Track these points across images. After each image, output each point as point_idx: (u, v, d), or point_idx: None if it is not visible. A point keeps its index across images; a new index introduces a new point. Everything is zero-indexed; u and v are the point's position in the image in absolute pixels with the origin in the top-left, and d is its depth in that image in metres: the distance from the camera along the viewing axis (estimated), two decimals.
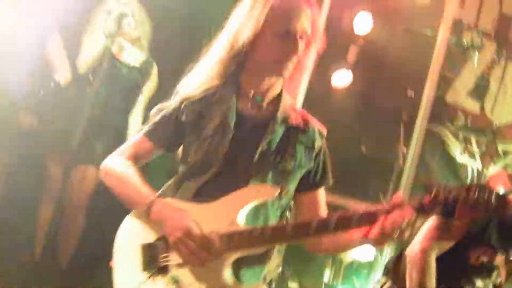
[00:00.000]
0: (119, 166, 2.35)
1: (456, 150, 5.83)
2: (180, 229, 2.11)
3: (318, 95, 5.73)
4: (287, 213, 2.41)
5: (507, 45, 6.03)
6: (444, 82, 5.77)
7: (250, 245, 2.14)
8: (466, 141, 5.87)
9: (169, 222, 2.15)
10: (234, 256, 2.14)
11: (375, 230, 2.04)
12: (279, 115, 2.33)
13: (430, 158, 5.70)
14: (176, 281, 2.15)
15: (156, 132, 2.41)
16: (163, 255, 2.19)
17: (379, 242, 2.07)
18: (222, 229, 2.13)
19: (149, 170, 2.53)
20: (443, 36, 5.57)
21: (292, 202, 2.42)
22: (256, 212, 2.24)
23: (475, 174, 5.68)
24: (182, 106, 2.36)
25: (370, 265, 5.02)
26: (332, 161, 5.40)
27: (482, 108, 6.00)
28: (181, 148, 2.43)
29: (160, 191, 2.37)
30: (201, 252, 2.09)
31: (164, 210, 2.19)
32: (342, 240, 2.23)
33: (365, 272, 5.04)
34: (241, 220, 2.18)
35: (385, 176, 5.31)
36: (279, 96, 2.39)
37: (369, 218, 2.04)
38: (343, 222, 2.07)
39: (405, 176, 5.19)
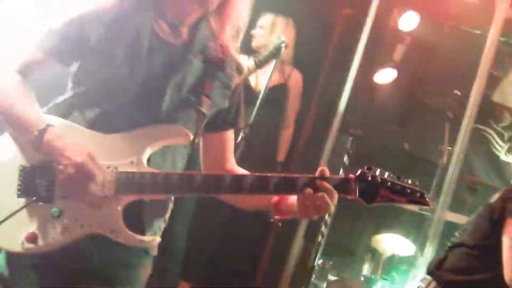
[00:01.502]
0: (6, 81, 2.02)
1: (501, 150, 5.80)
2: (74, 165, 1.86)
3: (364, 92, 5.77)
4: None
5: None
6: (492, 82, 5.72)
7: (152, 191, 1.95)
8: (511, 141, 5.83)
9: (60, 153, 1.89)
10: (130, 198, 1.96)
11: (289, 200, 1.99)
12: (197, 44, 2.12)
13: (475, 156, 5.68)
14: (59, 215, 1.93)
15: (52, 41, 2.05)
16: (45, 183, 1.95)
17: (284, 213, 2.02)
18: (122, 167, 1.94)
19: None
20: (492, 35, 5.51)
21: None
22: (163, 152, 2.06)
23: None
24: (89, 17, 2.04)
25: (410, 261, 5.02)
26: (374, 157, 5.46)
27: None
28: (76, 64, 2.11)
29: (47, 109, 2.08)
30: (92, 192, 1.90)
31: (57, 141, 1.91)
32: (253, 200, 2.11)
33: (404, 268, 5.04)
34: (145, 159, 1.98)
35: (428, 174, 5.30)
36: (199, 24, 2.15)
37: (289, 186, 1.93)
38: (260, 185, 1.94)
39: (449, 174, 5.16)
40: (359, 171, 1.94)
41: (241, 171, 2.24)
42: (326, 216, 4.82)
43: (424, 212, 4.86)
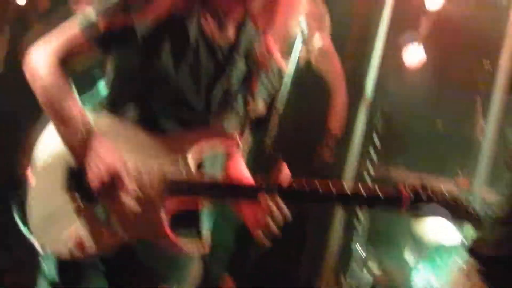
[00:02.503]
0: (47, 73, 1.92)
1: None
2: (107, 168, 1.82)
3: (391, 72, 5.66)
4: None
5: None
6: None
7: (198, 193, 1.92)
8: None
9: (97, 154, 1.84)
10: (175, 202, 1.92)
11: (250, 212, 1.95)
12: (242, 45, 2.06)
13: (510, 130, 5.55)
14: (106, 218, 1.89)
15: (96, 27, 1.95)
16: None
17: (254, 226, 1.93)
18: (167, 167, 1.90)
19: None
20: None
21: None
22: (214, 156, 2.03)
23: None
24: (137, 5, 1.94)
25: (455, 249, 4.91)
26: (408, 139, 5.38)
27: None
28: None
29: (90, 102, 2.03)
30: (129, 197, 1.86)
31: (97, 143, 1.86)
32: None
33: (449, 255, 4.93)
34: (191, 161, 1.93)
35: (464, 151, 5.20)
36: (245, 24, 2.09)
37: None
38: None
39: (484, 150, 5.06)
40: (411, 187, 1.86)
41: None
42: None
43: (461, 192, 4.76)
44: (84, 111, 1.93)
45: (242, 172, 2.16)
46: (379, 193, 1.85)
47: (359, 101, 5.41)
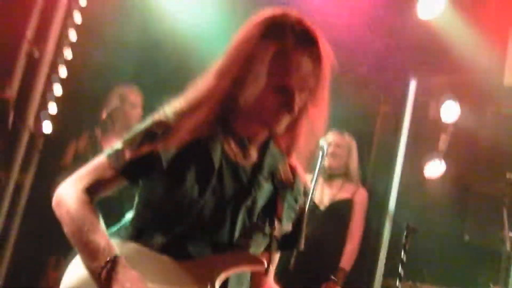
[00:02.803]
0: (74, 200, 1.94)
1: None
2: None
3: (413, 187, 5.67)
4: None
5: None
6: None
7: None
8: None
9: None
10: None
11: None
12: (266, 165, 2.05)
13: None
14: None
15: (124, 159, 1.97)
16: None
17: None
18: None
19: None
20: None
21: None
22: (238, 276, 1.98)
23: None
24: (161, 133, 1.97)
25: None
26: (435, 253, 5.29)
27: None
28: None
29: (117, 231, 2.03)
30: None
31: (121, 274, 1.81)
32: None
33: None
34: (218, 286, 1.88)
35: (493, 263, 5.08)
36: (267, 144, 2.09)
37: None
38: None
39: None
40: None
41: None
42: None
43: None
44: (110, 241, 1.90)
45: None
46: None
47: (384, 216, 5.39)
